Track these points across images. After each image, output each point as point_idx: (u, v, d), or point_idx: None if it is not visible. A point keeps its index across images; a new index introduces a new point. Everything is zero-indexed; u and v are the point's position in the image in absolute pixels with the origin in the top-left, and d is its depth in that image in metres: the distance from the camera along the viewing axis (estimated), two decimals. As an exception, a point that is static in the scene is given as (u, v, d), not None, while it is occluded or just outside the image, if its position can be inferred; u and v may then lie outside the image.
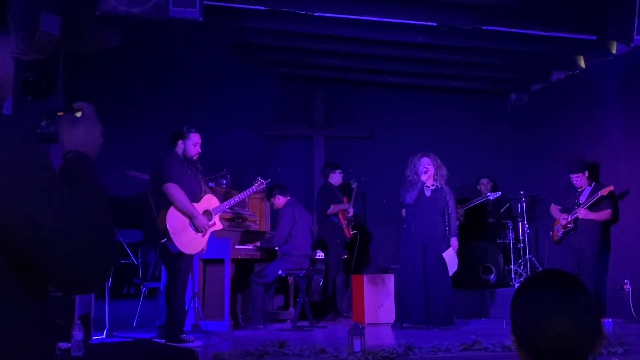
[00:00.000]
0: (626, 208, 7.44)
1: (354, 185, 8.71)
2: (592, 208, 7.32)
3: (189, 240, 5.81)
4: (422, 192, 6.94)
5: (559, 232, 7.52)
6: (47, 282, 1.28)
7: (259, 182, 6.71)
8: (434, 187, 6.98)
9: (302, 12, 6.85)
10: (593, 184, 7.46)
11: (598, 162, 7.88)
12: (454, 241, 6.91)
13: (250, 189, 6.66)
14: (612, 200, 7.40)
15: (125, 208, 7.68)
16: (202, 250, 6.04)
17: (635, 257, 7.24)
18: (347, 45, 8.08)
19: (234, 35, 7.75)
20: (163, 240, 5.65)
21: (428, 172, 6.92)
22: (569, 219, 7.38)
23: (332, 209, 8.25)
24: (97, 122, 1.58)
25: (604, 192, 7.22)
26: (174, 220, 5.71)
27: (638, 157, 7.34)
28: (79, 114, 1.57)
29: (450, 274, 6.80)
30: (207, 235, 6.02)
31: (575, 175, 7.44)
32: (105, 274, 1.33)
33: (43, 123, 1.59)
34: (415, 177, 6.93)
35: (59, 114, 1.58)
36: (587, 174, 7.46)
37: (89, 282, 1.28)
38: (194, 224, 5.84)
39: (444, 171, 7.06)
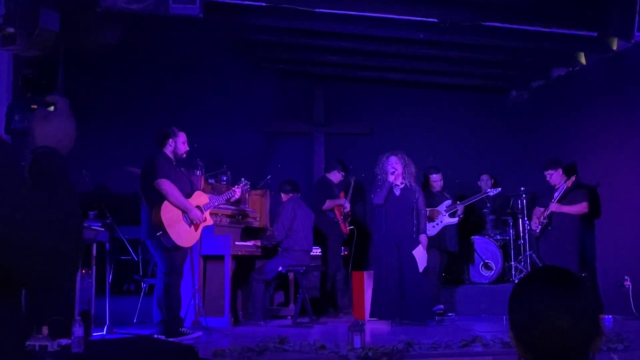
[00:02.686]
0: (626, 204, 7.44)
1: (352, 180, 8.75)
2: (564, 202, 7.51)
3: (183, 233, 5.91)
4: (391, 191, 7.00)
5: (536, 229, 7.75)
6: (13, 281, 1.27)
7: (243, 183, 6.73)
8: (402, 185, 7.05)
9: (302, 9, 6.84)
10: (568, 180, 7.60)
11: (575, 161, 8.09)
12: (423, 238, 7.04)
13: (235, 189, 6.66)
14: (587, 192, 7.57)
15: (125, 204, 7.68)
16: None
17: (635, 254, 7.24)
18: (347, 42, 8.07)
19: (234, 32, 7.73)
20: (158, 234, 5.71)
21: (396, 172, 6.98)
22: (545, 215, 7.59)
23: (328, 204, 8.27)
24: (70, 116, 1.53)
25: (568, 183, 7.47)
26: (168, 214, 5.81)
27: (637, 152, 7.34)
28: (51, 108, 1.52)
29: (420, 270, 6.91)
30: (200, 230, 6.13)
31: (548, 172, 7.68)
32: (71, 271, 1.32)
33: (16, 117, 1.55)
34: (384, 176, 7.00)
35: (32, 107, 1.54)
36: (561, 171, 7.67)
37: (54, 279, 1.28)
38: (189, 217, 5.95)
39: (413, 169, 7.15)
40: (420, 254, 6.93)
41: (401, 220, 7.00)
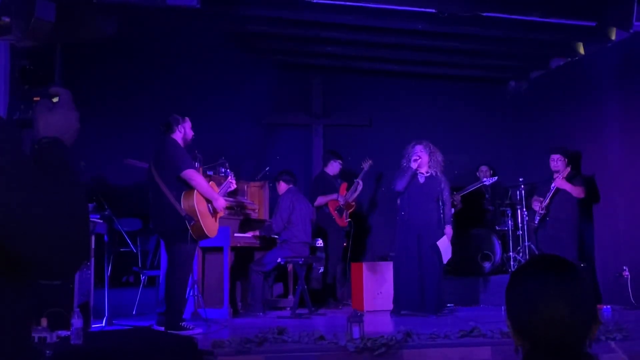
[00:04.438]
0: (625, 194, 7.44)
1: (365, 165, 8.60)
2: (561, 192, 7.53)
3: (210, 224, 5.89)
4: (414, 179, 6.94)
5: (535, 220, 7.76)
6: (20, 269, 1.27)
7: (230, 174, 6.68)
8: (428, 174, 6.97)
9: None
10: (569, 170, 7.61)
11: (581, 151, 8.00)
12: (449, 229, 6.91)
13: (230, 180, 6.61)
14: (583, 180, 7.58)
15: (124, 196, 7.68)
16: None
17: (633, 244, 7.25)
18: (345, 33, 8.05)
19: (232, 23, 7.70)
20: (192, 223, 5.61)
21: (419, 160, 6.89)
22: (542, 205, 7.61)
23: (319, 201, 8.23)
24: (73, 107, 1.54)
25: (564, 174, 7.48)
26: (200, 205, 5.77)
27: (637, 143, 7.34)
28: (55, 100, 1.54)
29: (445, 262, 6.83)
30: (218, 221, 6.11)
31: (555, 155, 7.65)
32: (79, 261, 1.32)
33: (21, 107, 1.56)
34: (408, 164, 6.94)
35: (35, 99, 1.54)
36: (566, 160, 7.64)
37: (61, 269, 1.28)
38: (214, 206, 5.94)
39: (440, 157, 7.03)
40: (444, 245, 6.81)
41: (424, 209, 6.87)
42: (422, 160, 6.91)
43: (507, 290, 1.58)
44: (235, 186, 6.75)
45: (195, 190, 5.74)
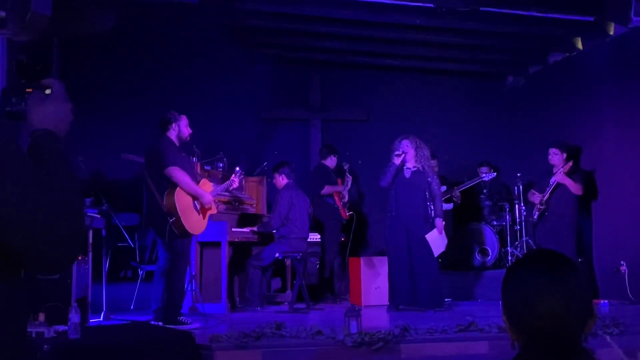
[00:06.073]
0: (623, 190, 7.44)
1: (346, 167, 8.73)
2: (560, 187, 7.49)
3: (194, 221, 5.89)
4: (400, 175, 6.95)
5: (534, 214, 7.73)
6: (14, 262, 1.27)
7: (238, 172, 6.68)
8: (414, 169, 6.97)
9: (298, -6, 6.80)
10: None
11: (581, 146, 8.01)
12: (439, 222, 6.89)
13: (233, 179, 6.60)
14: (582, 176, 7.56)
15: (122, 191, 7.67)
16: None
17: (631, 239, 7.26)
18: (343, 28, 8.03)
19: (230, 18, 7.69)
20: (171, 220, 5.65)
21: (402, 155, 6.88)
22: (542, 200, 7.58)
23: (327, 189, 8.25)
24: (66, 99, 1.54)
25: (565, 168, 7.44)
26: (182, 201, 5.78)
27: (635, 138, 7.34)
28: (48, 91, 1.53)
29: (436, 255, 6.83)
30: (207, 218, 6.10)
31: (553, 149, 7.61)
32: (73, 253, 1.32)
33: (12, 100, 1.55)
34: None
35: (27, 90, 1.54)
36: (565, 155, 7.60)
37: (56, 261, 1.28)
38: (201, 203, 5.94)
39: (426, 151, 7.02)
40: (435, 238, 6.81)
41: (411, 204, 6.87)
42: (408, 155, 6.91)
43: (504, 285, 1.59)
44: (237, 185, 6.75)
45: (178, 188, 5.76)
